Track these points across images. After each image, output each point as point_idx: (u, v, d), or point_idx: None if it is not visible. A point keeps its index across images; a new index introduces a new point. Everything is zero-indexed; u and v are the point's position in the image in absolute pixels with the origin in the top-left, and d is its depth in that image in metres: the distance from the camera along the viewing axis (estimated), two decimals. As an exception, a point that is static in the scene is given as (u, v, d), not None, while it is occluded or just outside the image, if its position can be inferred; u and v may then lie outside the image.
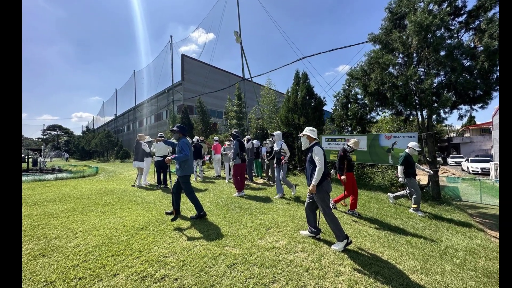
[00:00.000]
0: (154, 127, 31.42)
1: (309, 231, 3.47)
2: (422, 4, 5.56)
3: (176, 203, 4.29)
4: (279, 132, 6.35)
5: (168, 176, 7.56)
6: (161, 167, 7.51)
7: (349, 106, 9.53)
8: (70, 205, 5.19)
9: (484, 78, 5.03)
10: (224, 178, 9.18)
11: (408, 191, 5.25)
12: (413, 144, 5.26)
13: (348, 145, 4.84)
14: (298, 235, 3.53)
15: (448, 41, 5.17)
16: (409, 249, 3.18)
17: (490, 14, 5.02)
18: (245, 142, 7.78)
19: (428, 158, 6.12)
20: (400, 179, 5.17)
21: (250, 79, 14.71)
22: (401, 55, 6.02)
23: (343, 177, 4.70)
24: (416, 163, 5.31)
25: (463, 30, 5.45)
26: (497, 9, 4.96)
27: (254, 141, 9.10)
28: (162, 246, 3.11)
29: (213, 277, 2.42)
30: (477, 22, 5.26)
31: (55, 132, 65.50)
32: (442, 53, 5.20)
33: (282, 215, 4.48)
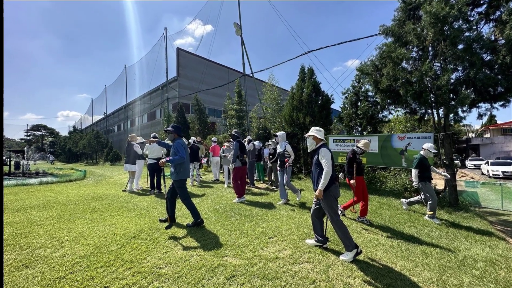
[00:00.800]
0: (147, 127, 31.52)
1: (315, 240, 3.47)
2: None
3: (171, 209, 4.30)
4: (282, 132, 6.36)
5: (162, 180, 7.58)
6: (155, 170, 7.52)
7: (359, 104, 9.53)
8: (55, 212, 5.21)
9: (506, 74, 5.02)
10: (223, 183, 9.18)
11: (423, 197, 5.24)
12: (428, 145, 5.25)
13: (357, 147, 4.84)
14: (304, 244, 3.52)
15: (467, 34, 5.17)
16: (424, 259, 3.17)
17: (512, 4, 5.02)
18: (245, 143, 7.79)
19: (444, 161, 6.10)
20: (414, 183, 5.16)
21: (251, 75, 14.74)
22: (415, 49, 6.02)
23: (352, 181, 4.70)
24: (432, 166, 5.30)
25: (483, 22, 5.45)
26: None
27: (256, 142, 9.11)
28: (155, 256, 3.11)
29: (211, 290, 2.42)
30: (498, 13, 5.26)
31: (40, 133, 65.81)
32: (460, 46, 5.20)
33: (286, 223, 4.48)
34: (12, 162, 15.42)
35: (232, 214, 4.99)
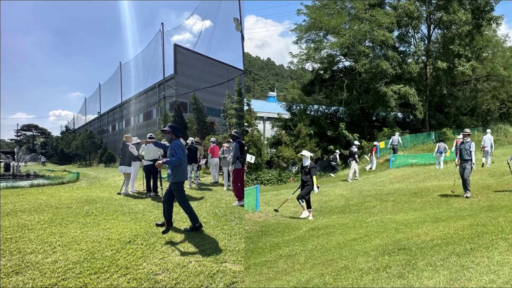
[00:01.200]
0: (142, 127, 31.57)
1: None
2: None
3: (167, 213, 4.29)
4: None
5: (158, 183, 7.55)
6: (151, 172, 7.51)
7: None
8: (47, 216, 5.21)
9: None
10: (223, 185, 9.18)
11: None
12: None
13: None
14: (307, 250, 3.51)
15: None
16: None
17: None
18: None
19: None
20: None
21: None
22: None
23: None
24: None
25: None
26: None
27: (256, 143, 9.09)
28: (152, 262, 3.10)
29: (210, 298, 2.41)
30: None
31: (30, 133, 65.98)
32: None
33: (289, 227, 4.46)
34: (2, 164, 15.48)
35: (232, 218, 4.98)
